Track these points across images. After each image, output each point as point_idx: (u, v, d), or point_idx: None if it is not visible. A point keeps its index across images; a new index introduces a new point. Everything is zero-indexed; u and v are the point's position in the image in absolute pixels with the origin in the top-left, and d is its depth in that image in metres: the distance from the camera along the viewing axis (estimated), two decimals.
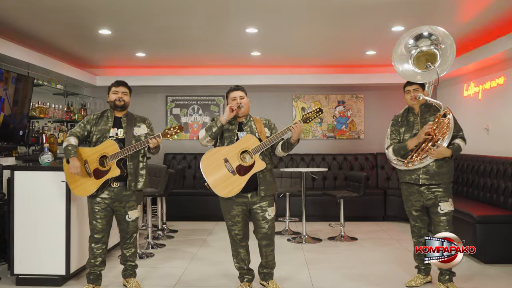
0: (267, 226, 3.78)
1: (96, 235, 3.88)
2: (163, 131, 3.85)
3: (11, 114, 5.70)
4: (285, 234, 6.51)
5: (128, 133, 3.91)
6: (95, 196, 3.84)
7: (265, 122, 3.93)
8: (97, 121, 3.96)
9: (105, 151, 3.80)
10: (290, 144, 3.74)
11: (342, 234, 6.17)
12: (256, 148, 3.64)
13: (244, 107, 3.83)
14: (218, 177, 3.66)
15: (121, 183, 3.86)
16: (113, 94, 3.95)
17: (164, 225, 6.68)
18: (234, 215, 3.80)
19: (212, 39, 6.02)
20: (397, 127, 4.11)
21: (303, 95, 8.45)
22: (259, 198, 3.72)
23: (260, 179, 3.71)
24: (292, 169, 6.36)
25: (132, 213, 3.94)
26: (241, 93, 3.88)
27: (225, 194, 3.67)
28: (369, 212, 7.45)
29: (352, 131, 8.40)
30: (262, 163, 3.64)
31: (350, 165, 8.11)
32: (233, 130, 3.82)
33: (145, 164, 4.01)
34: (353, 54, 7.08)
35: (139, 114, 3.90)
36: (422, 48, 4.01)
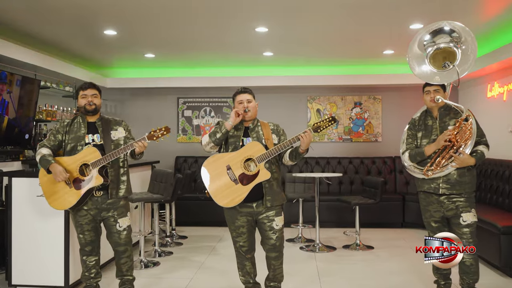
0: (275, 237, 3.51)
1: (86, 248, 3.67)
2: (149, 133, 3.57)
3: (16, 118, 5.57)
4: (298, 242, 6.25)
5: (106, 138, 3.63)
6: (78, 209, 3.57)
7: (273, 127, 3.67)
8: (69, 129, 3.65)
9: (85, 159, 3.51)
10: (298, 154, 3.48)
11: (358, 243, 5.89)
12: (262, 156, 3.38)
13: (252, 111, 3.57)
14: (219, 185, 3.42)
15: (103, 191, 3.60)
16: (82, 98, 3.64)
17: (173, 231, 6.49)
18: (239, 225, 3.56)
19: (221, 38, 5.80)
20: (414, 131, 3.83)
21: (318, 96, 8.18)
22: (265, 208, 3.49)
23: (266, 189, 3.45)
24: (304, 174, 6.11)
25: (123, 221, 3.67)
26: (249, 96, 3.61)
27: (225, 204, 3.42)
28: (387, 218, 7.14)
29: (370, 134, 8.10)
30: (267, 173, 3.38)
31: (367, 169, 7.81)
32: (239, 135, 3.57)
33: (126, 170, 3.75)
34: (370, 53, 6.79)
35: (151, 116, 3.90)
36: (440, 45, 3.69)
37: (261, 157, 3.37)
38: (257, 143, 3.45)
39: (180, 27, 5.31)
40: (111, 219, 3.63)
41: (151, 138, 3.56)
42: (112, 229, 3.65)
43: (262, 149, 3.40)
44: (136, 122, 8.25)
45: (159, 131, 3.58)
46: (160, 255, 5.48)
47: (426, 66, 3.78)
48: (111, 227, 3.64)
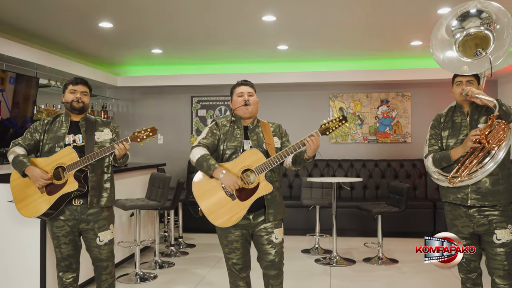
0: (273, 252, 2.99)
1: (62, 263, 3.22)
2: (132, 134, 3.14)
3: (10, 118, 5.25)
4: (315, 253, 5.68)
5: (89, 139, 3.21)
6: (55, 219, 3.15)
7: (275, 128, 3.14)
8: (49, 127, 3.24)
9: (61, 161, 3.08)
10: (303, 160, 2.94)
11: (380, 255, 5.27)
12: (262, 166, 2.84)
13: (252, 106, 3.06)
14: (213, 202, 2.89)
15: (83, 199, 3.15)
16: (70, 93, 3.21)
17: (180, 239, 6.05)
18: (232, 240, 3.03)
19: (226, 29, 5.31)
20: (438, 130, 3.22)
21: (341, 93, 7.57)
22: (264, 220, 2.97)
23: (268, 201, 2.94)
24: (319, 179, 5.53)
25: (104, 234, 3.22)
26: (250, 88, 3.12)
27: (221, 224, 2.87)
28: (416, 227, 6.47)
29: (397, 134, 7.43)
30: (268, 186, 2.85)
31: (394, 172, 7.15)
32: (239, 138, 3.02)
33: (110, 176, 3.30)
34: (397, 45, 6.15)
35: (163, 116, 3.47)
36: (470, 30, 3.10)
37: (261, 168, 2.84)
38: (256, 151, 2.92)
39: (182, 18, 4.87)
40: (90, 233, 3.18)
41: (134, 139, 3.11)
42: (91, 243, 3.21)
43: (262, 158, 2.87)
44: (149, 123, 7.88)
45: (143, 132, 3.12)
46: (161, 266, 5.04)
47: (453, 53, 3.19)
48: (90, 241, 3.21)
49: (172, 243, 5.69)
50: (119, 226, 4.88)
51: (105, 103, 7.76)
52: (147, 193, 4.88)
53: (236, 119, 3.09)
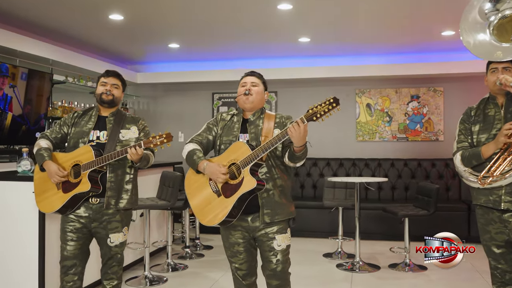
0: (275, 260, 2.69)
1: (66, 261, 3.02)
2: (147, 138, 2.95)
3: (22, 114, 5.14)
4: (337, 258, 5.34)
5: (112, 137, 3.03)
6: (68, 213, 3.00)
7: (279, 120, 2.80)
8: (77, 121, 3.13)
9: (78, 159, 2.96)
10: (292, 154, 2.56)
11: (407, 261, 4.89)
12: (246, 159, 2.55)
13: (254, 96, 2.76)
14: (201, 199, 2.67)
15: (101, 199, 3.00)
16: (101, 86, 3.10)
17: (197, 240, 5.82)
18: (233, 242, 2.76)
19: (241, 20, 5.04)
20: (468, 125, 2.86)
21: (369, 89, 7.18)
22: (262, 224, 2.67)
23: (263, 199, 2.64)
24: (340, 179, 5.20)
25: (115, 236, 3.05)
26: (255, 79, 2.83)
27: (207, 222, 2.64)
28: (448, 230, 5.96)
29: (429, 132, 6.99)
30: (251, 181, 2.52)
31: (425, 172, 6.72)
32: (235, 132, 2.77)
33: (132, 177, 3.11)
34: (427, 36, 5.75)
35: (184, 114, 3.24)
36: (505, 12, 2.72)
37: (245, 161, 2.55)
38: (242, 143, 2.64)
39: (195, 10, 4.65)
40: (102, 232, 3.02)
41: (148, 145, 2.90)
42: (102, 242, 3.07)
43: (247, 151, 2.57)
44: (169, 120, 7.73)
45: (158, 138, 2.90)
46: (174, 269, 4.81)
47: (485, 38, 2.81)
48: (102, 239, 3.06)
49: (187, 245, 5.46)
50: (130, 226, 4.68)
51: (125, 101, 7.62)
52: (158, 192, 4.67)
53: (239, 111, 2.84)
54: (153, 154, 3.20)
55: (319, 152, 6.86)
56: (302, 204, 6.38)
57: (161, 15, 4.88)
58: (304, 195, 6.91)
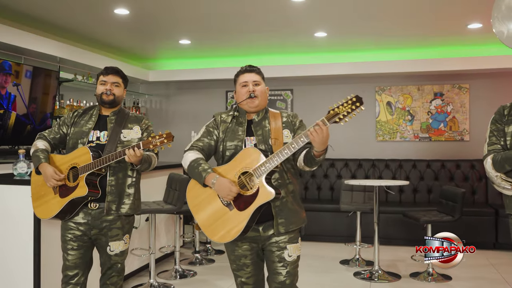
0: (284, 272, 2.45)
1: (68, 271, 2.83)
2: (146, 139, 2.72)
3: (27, 114, 4.97)
4: (355, 265, 5.04)
5: (112, 138, 2.83)
6: (67, 220, 2.81)
7: (286, 119, 2.55)
8: (76, 120, 2.93)
9: (75, 161, 2.77)
10: (312, 159, 2.30)
11: (430, 271, 4.57)
12: (259, 168, 2.29)
13: (260, 98, 2.49)
14: (209, 214, 2.40)
15: (100, 204, 2.80)
16: (101, 85, 2.90)
17: (208, 245, 5.58)
18: (239, 255, 2.51)
19: (254, 13, 4.79)
20: (501, 125, 2.54)
21: (389, 86, 6.84)
22: (276, 232, 2.42)
23: (276, 208, 2.40)
24: (358, 182, 4.89)
25: (115, 244, 2.85)
26: (256, 76, 2.54)
27: (219, 239, 2.38)
28: (474, 237, 5.66)
29: (453, 131, 6.62)
30: (269, 192, 2.28)
31: (449, 174, 6.35)
32: (240, 135, 2.50)
33: (134, 180, 2.89)
34: (452, 29, 5.40)
35: (198, 113, 2.96)
36: None
37: (259, 170, 2.29)
38: (252, 149, 2.38)
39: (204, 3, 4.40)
40: (102, 239, 2.83)
41: (147, 145, 2.67)
42: (102, 249, 2.87)
43: (258, 158, 2.32)
44: (183, 120, 7.53)
45: (158, 138, 2.66)
46: (182, 275, 4.59)
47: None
48: (101, 247, 2.87)
49: (197, 250, 5.23)
50: (135, 231, 4.47)
51: (137, 99, 7.43)
52: (165, 196, 4.44)
53: (240, 113, 2.56)
54: (156, 155, 2.97)
55: (336, 153, 6.52)
56: (318, 207, 6.10)
57: (168, 9, 4.65)
58: (321, 198, 6.62)
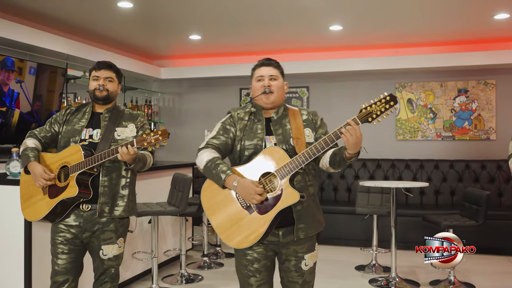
0: (300, 281, 2.33)
1: (57, 277, 2.66)
2: (140, 136, 2.55)
3: (32, 111, 4.85)
4: (371, 271, 4.77)
5: (105, 136, 2.68)
6: (57, 222, 2.66)
7: (307, 117, 2.39)
8: (69, 118, 2.79)
9: (66, 160, 2.62)
10: (343, 160, 2.15)
11: (451, 279, 4.27)
12: (284, 168, 2.14)
13: (276, 93, 2.33)
14: (226, 217, 2.23)
15: (93, 205, 2.64)
16: (93, 80, 2.74)
17: (218, 248, 5.38)
18: (252, 260, 2.30)
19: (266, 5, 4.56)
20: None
21: (410, 83, 6.52)
22: (295, 239, 2.26)
23: (298, 212, 2.24)
24: (374, 183, 4.61)
25: (108, 248, 2.68)
26: (273, 70, 2.37)
27: (236, 244, 2.22)
28: (499, 243, 5.33)
29: (479, 130, 6.26)
30: (294, 194, 2.13)
31: (474, 175, 6.00)
32: (260, 134, 2.31)
33: (129, 181, 2.73)
34: (477, 21, 5.07)
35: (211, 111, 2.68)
36: None
37: (284, 171, 2.14)
38: (277, 149, 2.22)
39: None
40: (94, 242, 2.68)
41: (141, 143, 2.49)
42: (95, 254, 2.72)
43: (284, 157, 2.17)
44: (196, 118, 7.37)
45: (152, 135, 2.47)
46: (188, 280, 4.40)
47: None
48: (94, 251, 2.72)
49: (205, 253, 5.03)
50: (139, 234, 4.30)
51: (150, 97, 7.29)
52: (169, 197, 4.24)
53: (257, 109, 2.38)
54: (151, 154, 2.79)
55: None
56: (334, 209, 5.85)
57: (176, 2, 4.47)
58: (338, 199, 6.35)
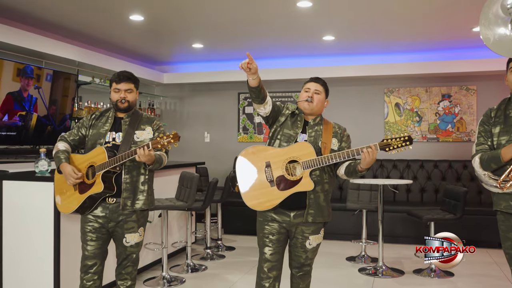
0: (304, 256, 2.89)
1: (87, 261, 3.05)
2: (155, 139, 2.92)
3: (48, 115, 5.25)
4: (360, 262, 5.21)
5: (126, 138, 3.05)
6: (87, 214, 3.05)
7: (336, 130, 2.95)
8: (94, 123, 3.16)
9: (93, 160, 3.00)
10: (355, 172, 2.77)
11: (433, 267, 4.71)
12: (309, 162, 2.71)
13: (314, 104, 2.88)
14: (252, 183, 2.80)
15: (118, 199, 3.02)
16: (115, 92, 3.09)
17: (219, 241, 5.80)
18: (268, 232, 2.82)
19: (263, 19, 4.99)
20: (488, 126, 2.70)
21: (398, 88, 6.98)
22: (304, 222, 2.79)
23: (310, 200, 2.77)
24: (363, 181, 5.05)
25: (131, 236, 3.07)
26: (320, 87, 2.95)
27: (253, 206, 2.78)
28: (479, 236, 5.78)
29: (461, 132, 6.72)
30: (310, 183, 2.71)
31: (456, 174, 6.46)
32: (297, 130, 2.88)
33: (147, 177, 3.11)
34: (458, 32, 5.51)
35: (211, 114, 3.16)
36: None
37: (308, 163, 2.71)
38: (308, 145, 2.78)
39: (216, 9, 4.63)
40: (118, 231, 3.06)
41: (155, 145, 2.88)
42: (119, 241, 3.10)
43: (312, 153, 2.73)
44: (196, 121, 7.77)
45: (165, 138, 2.88)
46: (193, 269, 4.80)
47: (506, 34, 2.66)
48: (118, 239, 3.10)
49: (208, 246, 5.44)
50: (149, 227, 4.70)
51: (152, 101, 7.69)
52: (177, 193, 4.66)
53: (299, 112, 2.95)
54: (166, 154, 3.19)
55: None
56: None
57: (181, 16, 4.88)
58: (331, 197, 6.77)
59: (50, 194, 3.43)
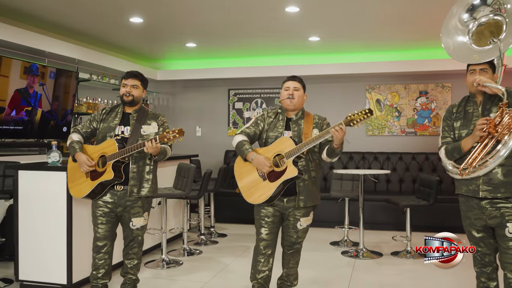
0: (295, 236, 3.34)
1: (98, 242, 3.44)
2: (162, 133, 3.32)
3: (51, 110, 5.58)
4: (343, 246, 5.65)
5: (134, 132, 3.42)
6: (97, 199, 3.42)
7: (317, 121, 3.35)
8: (105, 117, 3.52)
9: (104, 151, 3.37)
10: (333, 150, 3.17)
11: (408, 249, 5.17)
12: (290, 152, 3.11)
13: (296, 100, 3.28)
14: (248, 181, 3.27)
15: (125, 187, 3.39)
16: (122, 87, 3.46)
17: (211, 229, 6.20)
18: (264, 215, 3.29)
19: (254, 21, 5.38)
20: (450, 121, 3.13)
21: (378, 85, 7.43)
22: (296, 206, 3.25)
23: (300, 187, 3.23)
24: (345, 171, 5.48)
25: (137, 220, 3.45)
26: (297, 84, 3.35)
27: (252, 201, 3.25)
28: (452, 221, 6.19)
29: (437, 127, 7.21)
30: (294, 170, 3.10)
31: (433, 166, 6.95)
32: (280, 129, 3.31)
33: (152, 167, 3.49)
34: (435, 33, 5.94)
35: (202, 109, 3.48)
36: (481, 20, 3.01)
37: (290, 153, 3.12)
38: (287, 138, 3.21)
39: (209, 12, 4.99)
40: (126, 215, 3.44)
41: (162, 139, 3.27)
42: (126, 225, 3.48)
43: (291, 144, 3.14)
44: (188, 116, 8.13)
45: (171, 133, 3.27)
46: (189, 253, 5.19)
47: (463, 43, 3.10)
48: (125, 223, 3.47)
49: (202, 232, 5.84)
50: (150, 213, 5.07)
51: (146, 97, 8.03)
52: (174, 183, 5.04)
53: (282, 110, 3.36)
54: (170, 147, 3.57)
55: None
56: None
57: (177, 18, 5.24)
58: None
59: (63, 182, 3.80)
